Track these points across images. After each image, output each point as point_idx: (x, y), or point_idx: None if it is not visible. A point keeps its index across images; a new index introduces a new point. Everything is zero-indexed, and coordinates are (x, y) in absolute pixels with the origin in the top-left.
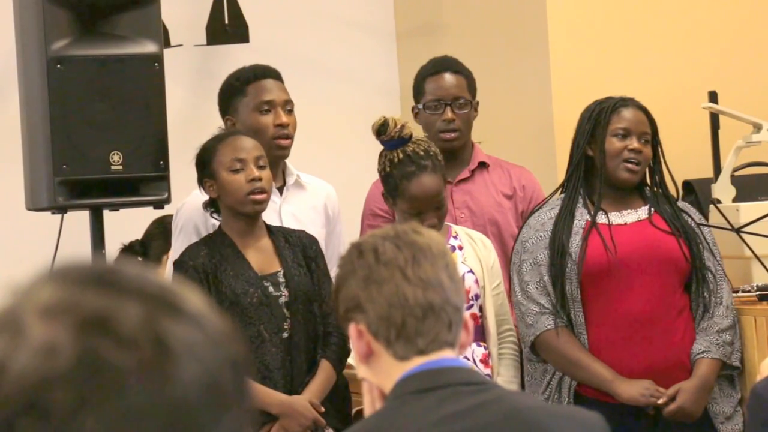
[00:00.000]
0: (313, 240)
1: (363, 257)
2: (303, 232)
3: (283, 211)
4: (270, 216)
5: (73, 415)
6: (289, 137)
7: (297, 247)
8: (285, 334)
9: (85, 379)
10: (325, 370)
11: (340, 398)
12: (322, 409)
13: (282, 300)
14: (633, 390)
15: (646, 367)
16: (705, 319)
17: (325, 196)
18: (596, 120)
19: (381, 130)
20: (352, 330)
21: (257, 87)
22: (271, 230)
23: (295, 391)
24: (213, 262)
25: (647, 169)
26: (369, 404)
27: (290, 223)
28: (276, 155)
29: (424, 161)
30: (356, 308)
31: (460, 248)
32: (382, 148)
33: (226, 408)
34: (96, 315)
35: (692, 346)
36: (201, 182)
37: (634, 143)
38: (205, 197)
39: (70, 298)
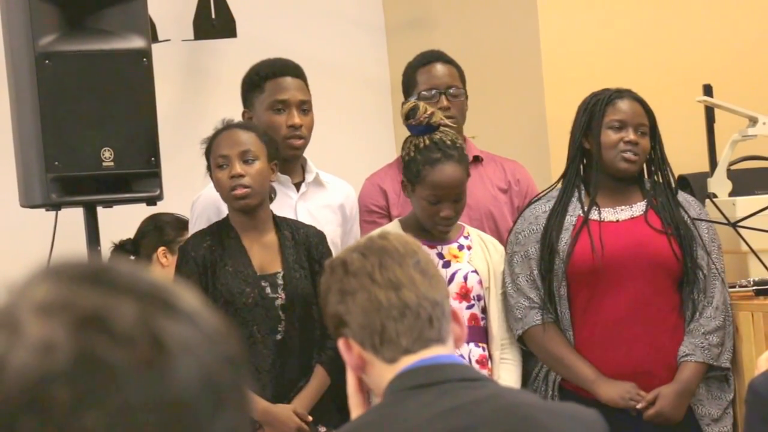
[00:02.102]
0: (320, 238)
1: (334, 273)
2: (312, 228)
3: (299, 207)
4: (286, 212)
5: (74, 412)
6: (302, 138)
7: (302, 246)
8: (279, 336)
9: (83, 377)
10: (317, 377)
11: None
12: (309, 419)
13: (278, 302)
14: (613, 392)
15: (630, 367)
16: (693, 320)
17: (344, 195)
18: (592, 112)
19: (410, 113)
20: (340, 344)
21: (274, 84)
22: (278, 224)
23: (285, 395)
24: (214, 255)
25: (646, 162)
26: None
27: (305, 221)
28: (288, 154)
29: (451, 150)
30: (340, 324)
31: (469, 248)
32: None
33: (224, 405)
34: (92, 313)
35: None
36: (211, 176)
37: (630, 135)
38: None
39: (66, 296)
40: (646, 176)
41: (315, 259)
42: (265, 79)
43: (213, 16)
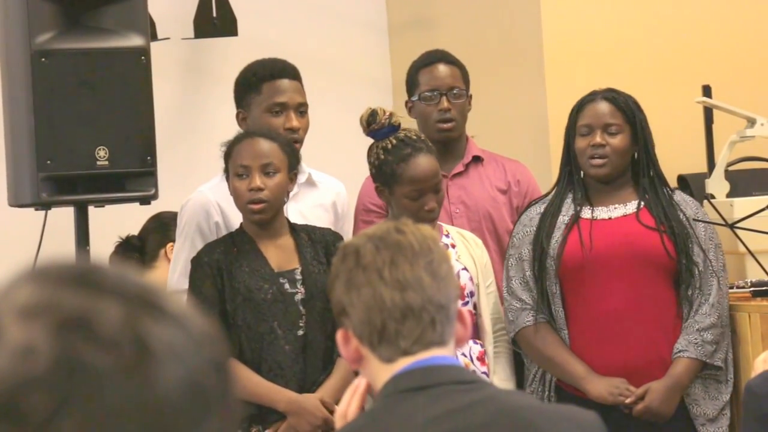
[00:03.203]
0: (338, 238)
1: (345, 261)
2: (328, 229)
3: (290, 208)
4: None
5: (52, 418)
6: (298, 141)
7: (319, 244)
8: (300, 332)
9: (64, 381)
10: (341, 370)
11: None
12: (335, 408)
13: (298, 297)
14: (602, 388)
15: (623, 364)
16: (689, 317)
17: (335, 194)
18: (569, 120)
19: (371, 119)
20: (339, 335)
21: (272, 87)
22: (294, 228)
23: (308, 390)
24: (229, 258)
25: (635, 160)
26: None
27: (297, 221)
28: None
29: (419, 144)
30: (342, 313)
31: (453, 246)
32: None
33: (209, 410)
34: (75, 316)
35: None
36: (227, 179)
37: (595, 138)
38: (208, 195)
39: (49, 298)
40: (643, 174)
41: (333, 256)
42: (262, 80)
43: (214, 15)
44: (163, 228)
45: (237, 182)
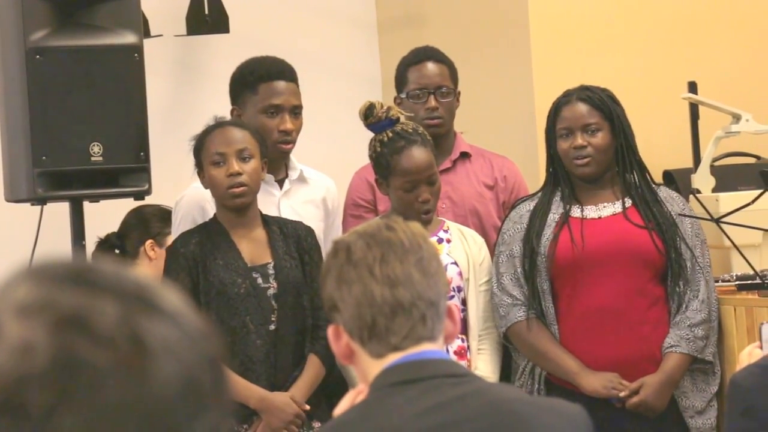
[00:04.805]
0: (309, 231)
1: (337, 257)
2: (300, 223)
3: (282, 204)
4: (269, 209)
5: (51, 414)
6: (292, 142)
7: (291, 239)
8: (272, 327)
9: (62, 378)
10: (312, 366)
11: (340, 392)
12: (306, 407)
13: (270, 292)
14: (596, 382)
15: (614, 359)
16: (679, 312)
17: (324, 189)
18: (548, 123)
19: (368, 113)
20: (330, 330)
21: (268, 88)
22: (266, 221)
23: (279, 384)
24: (204, 250)
25: (618, 158)
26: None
27: (289, 217)
28: (276, 156)
29: (413, 136)
30: (333, 308)
31: (448, 241)
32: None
33: (204, 405)
34: (72, 313)
35: (664, 339)
36: (199, 174)
37: (576, 140)
38: (202, 190)
39: (46, 296)
40: (629, 172)
41: (305, 250)
42: (259, 80)
43: (206, 12)
44: (143, 224)
45: (214, 170)
